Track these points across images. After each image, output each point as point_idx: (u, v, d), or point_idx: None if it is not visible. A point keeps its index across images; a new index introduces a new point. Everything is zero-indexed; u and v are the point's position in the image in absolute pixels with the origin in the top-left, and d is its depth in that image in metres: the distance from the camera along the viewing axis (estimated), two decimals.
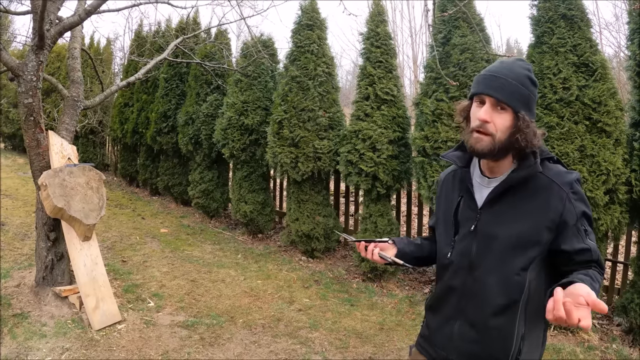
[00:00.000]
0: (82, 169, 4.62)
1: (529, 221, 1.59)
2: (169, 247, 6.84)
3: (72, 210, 4.37)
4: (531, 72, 1.67)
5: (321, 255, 6.65)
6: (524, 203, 1.62)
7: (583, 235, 1.57)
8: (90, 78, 11.10)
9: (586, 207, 1.61)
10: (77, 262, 4.48)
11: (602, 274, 1.57)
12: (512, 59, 1.73)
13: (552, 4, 4.63)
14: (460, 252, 1.73)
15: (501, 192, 1.64)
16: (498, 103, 1.59)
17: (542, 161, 1.63)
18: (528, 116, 1.61)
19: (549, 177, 1.61)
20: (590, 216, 1.61)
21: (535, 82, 1.67)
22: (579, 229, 1.57)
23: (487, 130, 1.60)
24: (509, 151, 1.63)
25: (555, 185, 1.59)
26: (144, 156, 10.61)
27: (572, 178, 1.61)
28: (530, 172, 1.60)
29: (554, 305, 1.27)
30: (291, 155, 6.29)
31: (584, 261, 1.57)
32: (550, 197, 1.58)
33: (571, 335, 4.57)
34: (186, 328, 4.45)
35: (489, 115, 1.59)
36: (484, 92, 1.61)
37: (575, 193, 1.59)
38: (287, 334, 4.45)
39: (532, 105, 1.65)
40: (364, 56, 6.04)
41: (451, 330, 1.75)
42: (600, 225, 4.31)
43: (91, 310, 4.36)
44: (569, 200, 1.57)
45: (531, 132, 1.60)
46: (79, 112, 5.18)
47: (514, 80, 1.60)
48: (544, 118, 4.48)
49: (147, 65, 6.27)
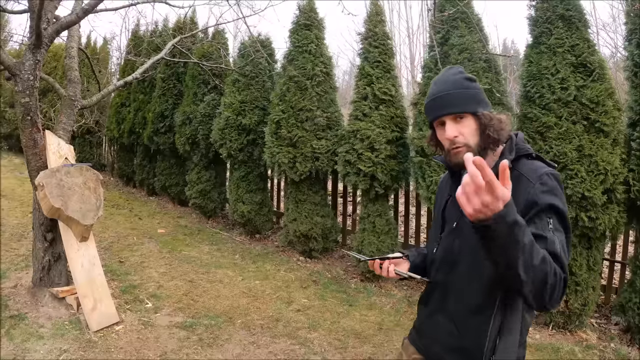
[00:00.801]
0: (80, 169, 4.59)
1: None
2: (166, 247, 6.83)
3: (69, 210, 4.35)
4: (463, 72, 1.75)
5: (319, 256, 6.64)
6: None
7: (545, 225, 1.49)
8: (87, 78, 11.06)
9: (557, 200, 1.53)
10: (75, 263, 4.46)
11: (554, 265, 1.39)
12: (442, 72, 1.80)
13: (550, 5, 4.63)
14: (445, 248, 1.78)
15: None
16: (455, 116, 1.67)
17: (520, 158, 1.66)
18: (485, 109, 1.68)
19: (520, 172, 1.61)
20: (563, 212, 1.53)
21: (472, 78, 1.73)
22: (542, 218, 1.50)
23: (460, 142, 1.66)
24: (488, 149, 1.68)
25: (524, 178, 1.59)
26: (141, 156, 10.59)
27: (542, 171, 1.59)
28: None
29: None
30: (289, 155, 6.28)
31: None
32: (517, 190, 1.54)
33: (569, 335, 4.59)
34: (184, 329, 4.44)
35: (454, 130, 1.66)
36: (439, 114, 1.69)
37: (543, 184, 1.55)
38: (286, 335, 4.44)
39: (482, 98, 1.71)
40: (362, 56, 6.03)
41: (436, 323, 1.79)
42: (599, 224, 4.31)
43: (89, 311, 4.34)
44: (535, 192, 1.54)
45: (496, 122, 1.66)
46: (76, 111, 5.17)
47: (456, 90, 1.67)
48: (542, 118, 4.48)
49: (145, 64, 6.26)
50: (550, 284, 1.36)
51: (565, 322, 4.62)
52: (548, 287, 1.37)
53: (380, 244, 5.67)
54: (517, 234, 1.28)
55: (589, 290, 4.50)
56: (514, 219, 1.27)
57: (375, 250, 5.63)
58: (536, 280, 1.35)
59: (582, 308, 4.51)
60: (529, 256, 1.32)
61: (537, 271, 1.34)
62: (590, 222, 4.32)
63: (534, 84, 4.60)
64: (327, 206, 6.72)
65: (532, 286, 1.36)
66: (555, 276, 1.38)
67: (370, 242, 5.70)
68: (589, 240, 4.50)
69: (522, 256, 1.31)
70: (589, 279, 4.50)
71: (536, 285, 1.36)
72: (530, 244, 1.32)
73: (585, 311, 4.55)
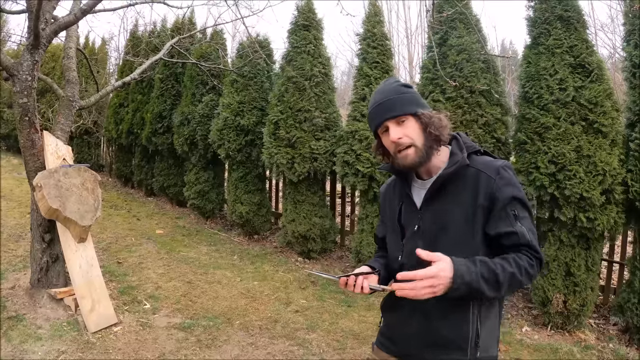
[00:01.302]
0: (78, 170, 4.58)
1: (465, 210, 1.69)
2: (164, 248, 6.82)
3: (67, 211, 4.34)
4: (399, 81, 1.85)
5: (317, 256, 6.64)
6: (457, 195, 1.71)
7: (512, 219, 1.65)
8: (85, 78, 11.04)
9: (516, 190, 1.67)
10: (73, 264, 4.45)
11: (533, 257, 1.64)
12: (380, 84, 1.89)
13: (548, 5, 4.63)
14: (409, 252, 1.79)
15: (436, 190, 1.74)
16: (396, 120, 1.73)
17: (470, 155, 1.74)
18: (424, 109, 1.76)
19: (477, 168, 1.71)
20: (522, 199, 1.68)
21: (408, 85, 1.82)
22: (508, 213, 1.65)
23: (405, 143, 1.72)
24: (433, 148, 1.75)
25: (483, 174, 1.68)
26: (139, 157, 10.58)
27: (497, 165, 1.70)
28: (457, 166, 1.69)
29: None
30: (287, 155, 6.28)
31: (513, 245, 1.65)
32: (479, 184, 1.68)
33: (568, 335, 4.59)
34: (183, 330, 4.43)
35: (398, 132, 1.72)
36: (381, 120, 1.76)
37: (502, 178, 1.67)
38: (285, 336, 4.44)
39: (420, 101, 1.79)
40: (360, 57, 6.03)
41: (410, 326, 1.81)
42: (597, 225, 4.31)
43: (87, 312, 4.33)
44: (496, 186, 1.66)
45: (436, 120, 1.74)
46: (74, 112, 5.16)
47: (394, 96, 1.75)
48: (540, 119, 4.48)
49: (143, 65, 6.24)
50: (524, 279, 1.61)
51: (564, 323, 4.62)
52: (524, 282, 1.62)
53: None
54: (477, 287, 1.54)
55: (587, 290, 4.50)
56: (467, 281, 1.52)
57: (374, 251, 5.62)
58: (513, 287, 1.62)
59: (581, 308, 4.50)
60: (493, 284, 1.56)
61: (510, 285, 1.60)
62: (589, 223, 4.32)
63: (532, 85, 4.60)
64: (325, 207, 6.72)
65: (509, 292, 1.69)
66: (529, 269, 1.62)
67: (369, 242, 5.70)
68: (587, 240, 4.50)
69: (490, 288, 1.56)
70: (588, 280, 4.50)
71: (514, 288, 1.66)
72: (492, 277, 1.56)
73: (584, 312, 4.54)
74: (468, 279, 1.52)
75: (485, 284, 1.54)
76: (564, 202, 4.40)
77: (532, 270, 1.63)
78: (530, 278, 1.63)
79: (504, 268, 1.58)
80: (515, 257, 1.62)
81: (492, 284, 1.55)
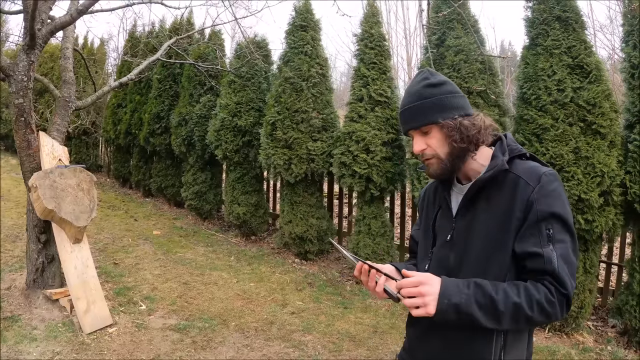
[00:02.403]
0: (73, 171, 4.57)
1: (498, 221, 1.50)
2: (161, 249, 6.79)
3: (62, 212, 4.33)
4: (427, 78, 1.63)
5: (315, 258, 6.61)
6: (492, 204, 1.53)
7: (544, 239, 1.42)
8: (84, 79, 11.04)
9: (559, 206, 1.45)
10: (68, 265, 4.44)
11: (556, 292, 1.39)
12: (411, 81, 1.73)
13: (546, 6, 4.60)
14: (438, 263, 1.66)
15: (471, 197, 1.58)
16: (420, 130, 1.61)
17: (513, 159, 1.55)
18: (449, 115, 1.57)
19: (517, 173, 1.51)
20: (565, 217, 1.45)
21: (434, 84, 1.61)
22: (541, 230, 1.43)
23: (428, 155, 1.61)
24: (462, 157, 1.58)
25: (522, 180, 1.48)
26: (137, 157, 10.56)
27: (541, 172, 1.48)
28: (495, 171, 1.51)
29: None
30: (284, 156, 6.25)
31: (534, 270, 1.43)
32: (517, 193, 1.48)
33: (566, 337, 4.56)
34: (178, 331, 4.41)
35: (420, 144, 1.61)
36: (405, 129, 1.67)
37: (542, 187, 1.45)
38: (280, 338, 4.41)
39: (446, 103, 1.59)
40: (357, 57, 6.01)
41: (430, 343, 1.67)
42: (595, 227, 4.28)
43: (82, 313, 4.32)
44: (535, 196, 1.45)
45: (463, 127, 1.56)
46: (71, 112, 5.15)
47: (417, 102, 1.59)
48: (538, 120, 4.45)
49: (140, 65, 6.23)
50: (536, 316, 1.39)
51: (562, 325, 4.60)
52: (535, 320, 1.40)
53: (376, 246, 5.64)
54: (467, 312, 1.39)
55: (585, 293, 4.47)
56: (455, 302, 1.39)
57: (371, 252, 5.60)
58: (519, 321, 1.41)
59: (579, 311, 4.48)
60: (489, 313, 1.40)
61: (514, 319, 1.40)
62: (587, 225, 4.29)
63: (530, 86, 4.57)
64: (322, 208, 6.69)
65: (514, 325, 1.43)
66: (545, 305, 1.38)
67: (366, 244, 5.67)
68: (586, 242, 4.47)
69: (485, 316, 1.40)
70: (586, 282, 4.47)
71: (522, 324, 1.42)
72: (488, 303, 1.39)
73: (582, 314, 4.52)
74: (456, 301, 1.38)
75: (479, 309, 1.38)
76: None
77: (551, 307, 1.38)
78: (546, 316, 1.39)
79: (506, 296, 1.38)
80: (527, 286, 1.40)
81: (488, 311, 1.38)
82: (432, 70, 1.68)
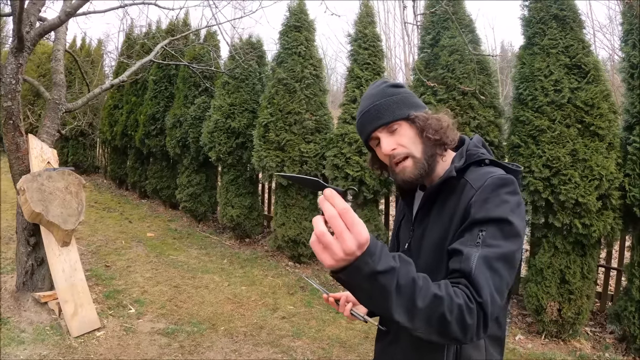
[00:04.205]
0: (62, 174, 4.53)
1: (442, 229, 1.40)
2: (154, 251, 6.71)
3: (50, 215, 4.28)
4: (387, 81, 1.57)
5: (308, 261, 6.51)
6: (444, 213, 1.42)
7: (472, 240, 1.25)
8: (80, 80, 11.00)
9: (501, 209, 1.28)
10: (56, 268, 4.40)
11: (473, 299, 1.14)
12: (368, 88, 1.61)
13: (543, 5, 4.53)
14: None
15: (426, 204, 1.49)
16: (387, 128, 1.49)
17: (471, 165, 1.44)
18: (418, 111, 1.49)
19: (467, 179, 1.39)
20: (504, 225, 1.26)
21: (398, 84, 1.55)
22: (472, 232, 1.27)
23: (401, 154, 1.47)
24: (437, 155, 1.48)
25: (468, 185, 1.37)
26: (133, 159, 10.51)
27: (488, 176, 1.35)
28: (443, 178, 1.42)
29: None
30: (277, 159, 6.16)
31: (452, 271, 1.24)
32: (460, 199, 1.37)
33: (562, 344, 4.48)
34: (166, 336, 4.33)
35: (391, 143, 1.48)
36: (370, 130, 1.51)
37: (484, 190, 1.32)
38: (269, 343, 4.32)
39: (414, 101, 1.52)
40: (351, 58, 5.94)
41: (392, 355, 1.58)
42: (593, 231, 4.19)
43: (69, 316, 4.28)
44: (475, 198, 1.32)
45: (434, 121, 1.47)
46: (61, 115, 5.09)
47: (381, 99, 1.50)
48: (535, 121, 4.37)
49: (132, 67, 6.17)
50: (453, 323, 1.10)
51: (559, 331, 4.50)
52: (451, 327, 1.10)
53: None
54: (384, 285, 1.05)
55: (583, 298, 4.38)
56: (373, 270, 1.03)
57: None
58: (432, 323, 1.10)
59: (576, 317, 4.39)
60: (408, 299, 1.07)
61: (429, 316, 1.09)
62: (584, 229, 4.21)
63: (526, 86, 4.49)
64: (316, 210, 6.59)
65: (426, 329, 1.11)
66: (464, 312, 1.11)
67: None
68: (583, 247, 4.38)
69: (397, 301, 1.07)
70: (583, 287, 4.38)
71: (434, 328, 1.11)
72: (409, 285, 1.07)
73: (579, 320, 4.43)
74: (382, 267, 1.04)
75: (397, 291, 1.06)
76: (558, 208, 4.29)
77: (470, 317, 1.12)
78: (462, 329, 1.11)
79: (427, 286, 1.10)
80: (448, 284, 1.16)
81: (404, 296, 1.07)
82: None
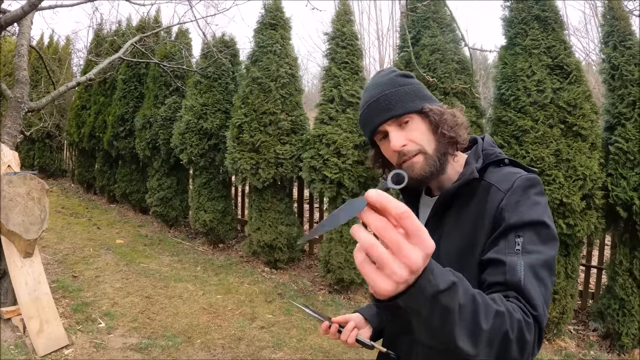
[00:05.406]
0: (23, 178, 4.24)
1: (468, 241, 1.25)
2: (124, 259, 6.44)
3: (10, 223, 4.00)
4: (396, 70, 1.40)
5: (285, 266, 6.33)
6: (464, 220, 1.28)
7: (510, 247, 1.13)
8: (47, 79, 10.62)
9: (533, 212, 1.17)
10: (18, 281, 4.11)
11: (528, 312, 1.02)
12: (373, 76, 1.44)
13: (525, 5, 4.50)
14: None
15: (440, 210, 1.34)
16: (398, 121, 1.32)
17: (488, 165, 1.32)
18: (431, 104, 1.34)
19: (490, 181, 1.27)
20: (539, 223, 1.16)
21: (408, 74, 1.39)
22: (508, 239, 1.15)
23: (411, 151, 1.31)
24: (449, 154, 1.34)
25: (494, 187, 1.24)
26: (101, 162, 10.18)
27: (516, 177, 1.23)
28: (463, 181, 1.27)
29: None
30: (251, 161, 5.96)
31: (495, 284, 1.11)
32: (487, 203, 1.23)
33: (547, 344, 4.50)
34: (139, 351, 4.11)
35: (400, 139, 1.31)
36: (378, 123, 1.34)
37: (514, 193, 1.20)
38: (249, 355, 4.14)
39: (425, 92, 1.37)
40: (329, 57, 5.77)
41: None
42: (577, 231, 4.19)
43: (35, 334, 4.01)
44: (506, 202, 1.19)
45: (449, 116, 1.32)
46: (23, 114, 4.83)
47: (391, 89, 1.33)
48: (518, 122, 4.30)
49: (100, 64, 5.93)
50: (514, 338, 0.95)
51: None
52: (513, 346, 0.96)
53: (348, 254, 5.38)
54: (443, 303, 0.83)
55: (567, 298, 4.41)
56: (436, 289, 0.81)
57: (343, 261, 5.33)
58: (493, 344, 0.93)
59: (560, 316, 4.42)
60: (471, 321, 0.89)
61: (490, 335, 0.91)
62: (569, 229, 4.19)
63: (508, 87, 4.42)
64: (292, 214, 6.42)
65: (486, 354, 0.92)
66: (524, 329, 0.98)
67: (338, 252, 5.40)
68: (567, 247, 4.38)
69: (461, 324, 0.87)
70: (567, 287, 4.39)
71: (494, 351, 0.93)
72: (469, 304, 0.88)
73: (564, 319, 4.46)
74: (444, 285, 0.82)
75: (460, 313, 0.86)
76: None
77: (529, 333, 0.99)
78: (522, 346, 0.98)
79: (486, 302, 0.93)
80: (502, 297, 1.02)
81: (468, 317, 0.88)
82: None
